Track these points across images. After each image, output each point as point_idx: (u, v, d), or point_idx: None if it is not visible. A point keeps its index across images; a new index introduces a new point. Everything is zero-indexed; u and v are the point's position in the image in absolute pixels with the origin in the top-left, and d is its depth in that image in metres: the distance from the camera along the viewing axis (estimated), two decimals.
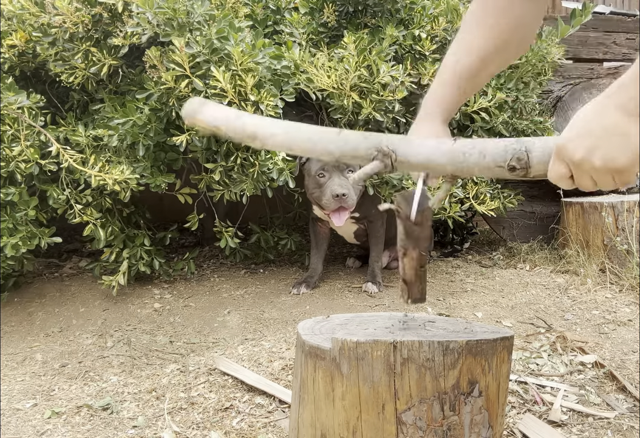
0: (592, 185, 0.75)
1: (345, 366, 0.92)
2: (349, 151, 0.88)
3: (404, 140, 0.86)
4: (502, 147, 0.77)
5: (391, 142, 0.85)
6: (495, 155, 0.77)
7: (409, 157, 0.83)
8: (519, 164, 0.76)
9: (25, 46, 2.11)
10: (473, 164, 0.79)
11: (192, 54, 1.90)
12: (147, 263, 2.40)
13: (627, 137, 0.69)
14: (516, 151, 0.76)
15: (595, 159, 0.70)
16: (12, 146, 2.02)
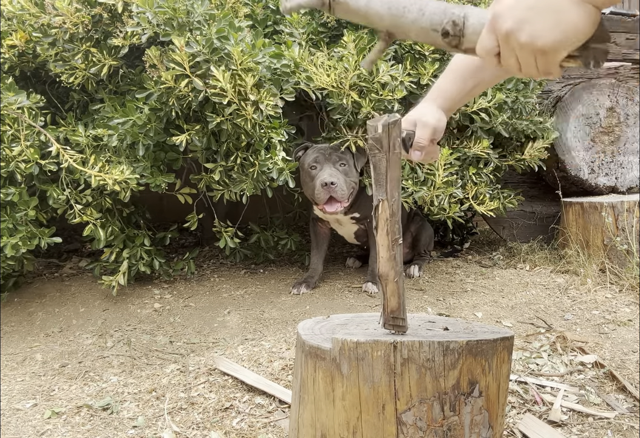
0: (516, 65, 0.70)
1: (345, 367, 0.92)
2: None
3: None
4: (442, 8, 0.73)
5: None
6: (433, 15, 0.73)
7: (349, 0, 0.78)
8: (452, 30, 0.72)
9: (25, 46, 2.11)
10: (410, 21, 0.75)
11: (192, 54, 1.90)
12: (147, 263, 2.40)
13: (559, 14, 0.64)
14: (454, 15, 0.72)
15: (522, 34, 0.66)
16: (12, 146, 2.02)
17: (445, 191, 2.40)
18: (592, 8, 0.64)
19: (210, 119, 2.03)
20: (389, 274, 0.97)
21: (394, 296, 0.97)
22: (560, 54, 0.66)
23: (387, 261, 0.97)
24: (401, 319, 0.98)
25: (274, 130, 2.16)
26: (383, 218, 0.96)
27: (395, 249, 0.97)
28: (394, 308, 0.98)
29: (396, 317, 0.98)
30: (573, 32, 0.64)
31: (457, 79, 1.00)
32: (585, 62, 0.66)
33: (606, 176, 3.08)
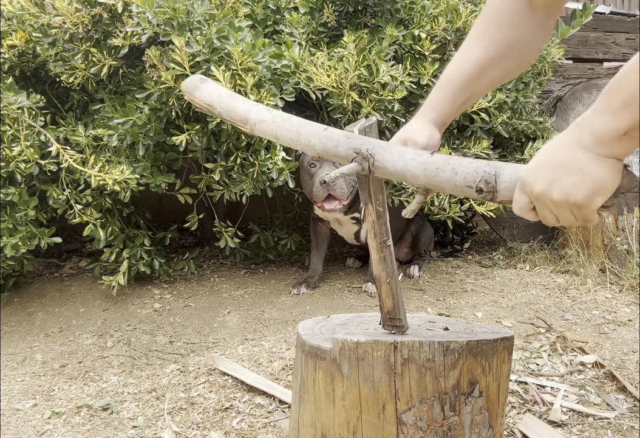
0: (553, 219, 0.74)
1: (345, 367, 0.92)
2: (331, 148, 0.90)
3: (384, 146, 0.86)
4: (473, 168, 0.77)
5: (371, 147, 0.86)
6: (466, 174, 0.77)
7: (386, 163, 0.84)
8: (486, 187, 0.76)
9: (25, 46, 2.11)
10: (445, 180, 0.79)
11: (192, 54, 1.90)
12: (147, 263, 2.40)
13: (582, 172, 0.67)
14: (485, 173, 0.76)
15: (554, 193, 0.70)
16: (12, 146, 2.02)
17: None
18: (613, 160, 0.67)
19: (210, 119, 2.03)
20: (381, 276, 0.98)
21: (389, 297, 0.98)
22: (594, 205, 0.69)
23: (378, 263, 0.98)
24: (398, 319, 0.98)
25: None
26: (370, 221, 0.96)
27: (384, 251, 0.97)
28: (389, 309, 0.99)
29: (393, 318, 0.99)
30: (601, 185, 0.67)
31: (449, 93, 1.01)
32: (619, 210, 0.70)
33: None
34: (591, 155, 0.67)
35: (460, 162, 0.78)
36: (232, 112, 0.97)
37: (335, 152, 0.89)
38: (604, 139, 0.66)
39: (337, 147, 0.89)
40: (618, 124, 0.64)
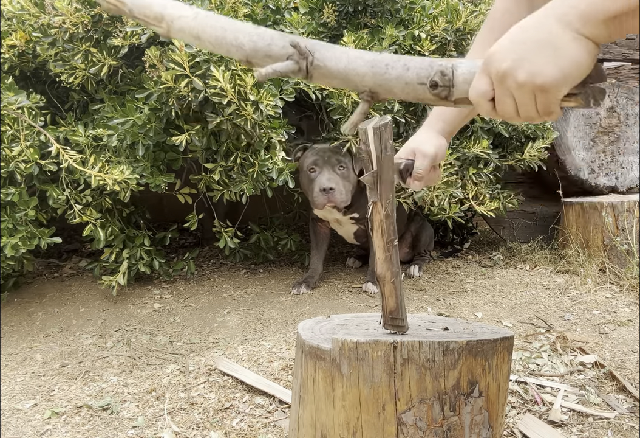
0: (512, 109, 0.66)
1: (345, 367, 0.92)
2: (263, 47, 0.79)
3: (324, 45, 0.78)
4: (427, 62, 0.72)
5: (311, 44, 0.77)
6: (419, 69, 0.71)
7: (327, 62, 0.76)
8: (442, 81, 0.70)
9: (25, 46, 2.11)
10: (394, 77, 0.73)
11: (191, 54, 1.90)
12: (147, 263, 2.40)
13: (558, 50, 0.61)
14: (442, 66, 0.70)
15: (520, 71, 0.63)
16: (12, 146, 2.02)
17: (445, 191, 2.40)
18: (592, 44, 0.62)
19: (210, 119, 2.03)
20: (386, 275, 0.97)
21: (392, 297, 0.98)
22: (561, 91, 0.63)
23: (384, 263, 0.97)
24: (400, 319, 0.98)
25: (274, 130, 2.16)
26: (377, 219, 0.95)
27: (391, 250, 0.96)
28: (392, 309, 0.98)
29: (395, 317, 0.98)
30: (574, 68, 0.62)
31: None
32: (586, 101, 0.64)
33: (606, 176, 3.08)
34: (571, 34, 0.61)
35: (412, 59, 0.73)
36: (145, 9, 0.85)
37: (267, 51, 0.79)
38: (590, 18, 0.60)
39: (270, 46, 0.79)
40: (610, 5, 0.59)
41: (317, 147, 2.35)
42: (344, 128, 0.85)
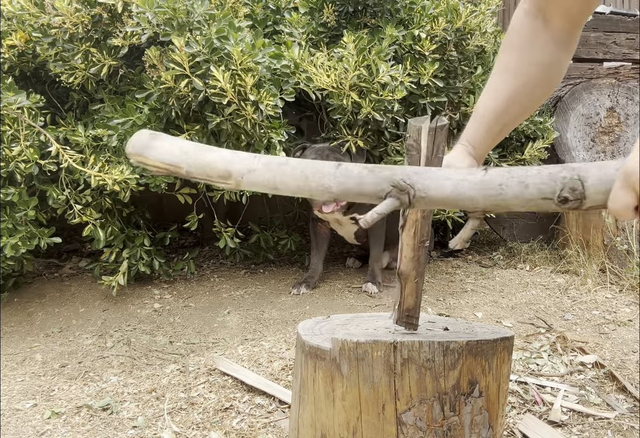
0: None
1: (345, 367, 0.92)
2: (353, 187, 0.74)
3: (421, 172, 0.73)
4: (547, 176, 0.67)
5: (407, 175, 0.72)
6: (540, 185, 0.66)
7: (431, 191, 0.71)
8: (572, 195, 0.65)
9: (25, 46, 2.11)
10: (512, 197, 0.68)
11: (191, 54, 1.90)
12: (147, 263, 2.40)
13: None
14: (567, 179, 0.65)
15: None
16: (11, 146, 2.02)
17: None
18: None
19: (210, 119, 2.03)
20: (410, 274, 0.96)
21: (412, 296, 0.97)
22: None
23: (410, 261, 0.95)
24: (415, 318, 0.99)
25: (274, 130, 2.16)
26: (412, 218, 0.92)
27: (420, 251, 0.94)
28: (410, 307, 0.98)
29: (411, 316, 0.98)
30: None
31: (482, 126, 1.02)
32: None
33: None
34: None
35: (526, 173, 0.68)
36: (206, 168, 0.78)
37: (359, 191, 0.74)
38: None
39: (361, 185, 0.74)
40: None
41: (316, 147, 2.35)
42: (452, 243, 0.83)
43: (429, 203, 0.72)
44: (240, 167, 0.77)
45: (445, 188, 0.70)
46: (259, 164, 0.77)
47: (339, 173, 0.75)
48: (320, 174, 0.75)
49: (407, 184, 0.71)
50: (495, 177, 0.69)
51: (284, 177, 0.76)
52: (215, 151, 0.79)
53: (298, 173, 0.76)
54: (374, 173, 0.73)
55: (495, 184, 0.68)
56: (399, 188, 0.71)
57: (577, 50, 3.37)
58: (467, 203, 0.70)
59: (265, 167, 0.77)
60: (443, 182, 0.71)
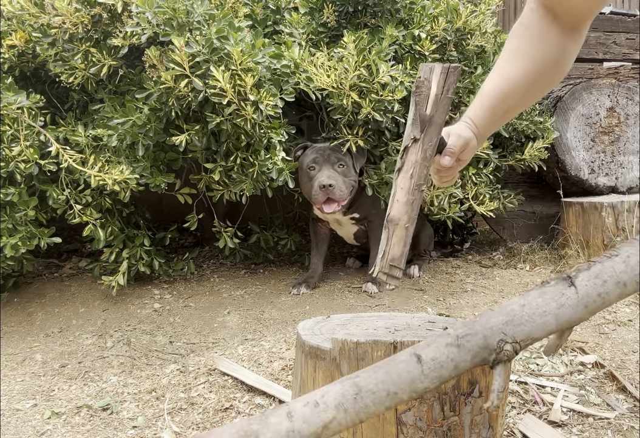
0: None
1: (345, 367, 0.92)
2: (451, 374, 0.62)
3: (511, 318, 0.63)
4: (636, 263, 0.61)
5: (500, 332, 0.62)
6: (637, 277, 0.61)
7: (534, 334, 0.63)
8: None
9: (25, 46, 2.11)
10: (614, 299, 0.63)
11: (191, 54, 1.90)
12: (147, 263, 2.40)
13: None
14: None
15: None
16: (11, 146, 2.02)
17: (445, 191, 2.40)
18: None
19: (210, 119, 2.03)
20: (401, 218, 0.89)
21: (400, 243, 0.90)
22: None
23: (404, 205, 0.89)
24: (399, 269, 0.90)
25: (274, 130, 2.16)
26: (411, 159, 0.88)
27: (416, 195, 0.90)
28: (395, 256, 0.90)
29: (395, 266, 0.90)
30: None
31: (486, 105, 1.03)
32: None
33: (606, 176, 3.08)
34: None
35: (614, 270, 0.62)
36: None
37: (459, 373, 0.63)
38: None
39: (459, 368, 0.63)
40: None
41: (316, 146, 2.35)
42: (546, 350, 0.73)
43: (536, 340, 0.65)
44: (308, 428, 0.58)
45: (548, 325, 0.63)
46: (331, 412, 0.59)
47: (427, 368, 0.61)
48: (408, 382, 0.61)
49: (509, 343, 0.62)
50: (591, 290, 0.62)
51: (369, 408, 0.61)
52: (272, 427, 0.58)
53: (382, 395, 0.61)
54: (464, 347, 0.62)
55: (594, 296, 0.62)
56: (503, 353, 0.62)
57: None
58: (573, 323, 0.64)
59: (340, 410, 0.59)
60: (543, 320, 0.63)
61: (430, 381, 0.61)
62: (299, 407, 0.59)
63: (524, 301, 0.64)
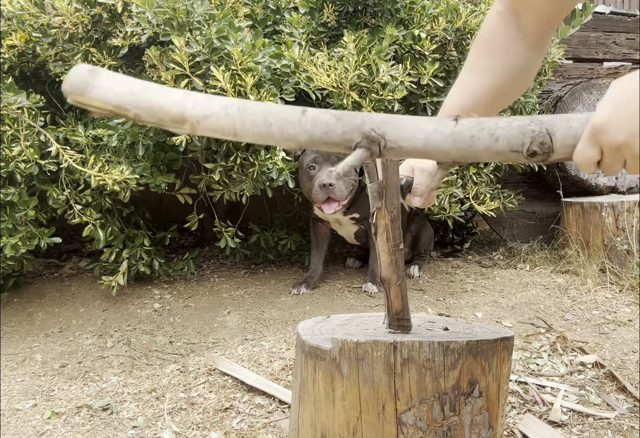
0: (619, 170, 0.69)
1: (345, 367, 0.92)
2: (320, 136, 0.70)
3: (391, 120, 0.70)
4: (516, 129, 0.67)
5: (376, 125, 0.69)
6: (510, 138, 0.67)
7: (402, 143, 0.69)
8: (541, 149, 0.66)
9: (25, 46, 2.11)
10: (482, 149, 0.68)
11: (191, 54, 1.90)
12: (147, 263, 2.40)
13: None
14: (536, 133, 0.66)
15: (637, 146, 0.63)
16: (11, 146, 2.02)
17: (445, 191, 2.40)
18: None
19: None
20: (392, 278, 0.98)
21: (398, 299, 1.00)
22: None
23: (389, 266, 0.97)
24: (406, 319, 1.00)
25: None
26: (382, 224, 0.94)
27: (396, 254, 0.97)
28: (398, 310, 1.00)
29: (401, 318, 1.00)
30: None
31: None
32: None
33: (606, 176, 3.07)
34: None
35: (497, 125, 0.67)
36: (158, 112, 0.70)
37: (325, 140, 0.70)
38: None
39: (328, 134, 0.70)
40: None
41: None
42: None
43: (399, 153, 0.71)
44: (194, 112, 0.70)
45: (416, 139, 0.69)
46: (216, 108, 0.70)
47: (305, 120, 0.70)
48: (285, 121, 0.70)
49: (378, 134, 0.69)
50: (466, 129, 0.68)
51: (245, 123, 0.70)
52: (166, 91, 0.71)
53: (260, 119, 0.70)
54: (343, 122, 0.70)
55: (466, 137, 0.68)
56: (370, 139, 0.69)
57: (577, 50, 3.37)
58: (438, 154, 0.69)
59: (222, 111, 0.70)
60: (414, 133, 0.69)
61: (302, 131, 0.69)
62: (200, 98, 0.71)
63: (414, 120, 0.70)
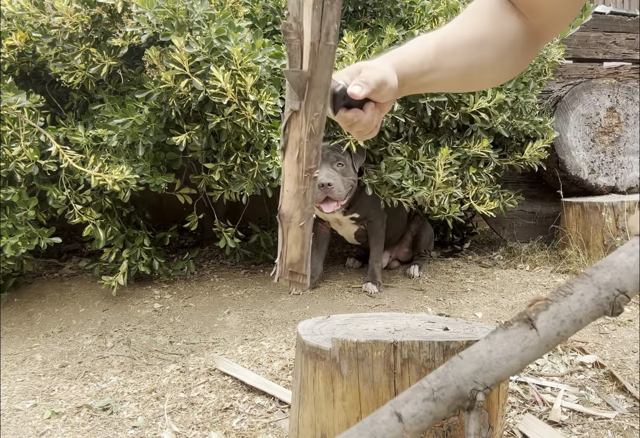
0: None
1: (345, 367, 0.92)
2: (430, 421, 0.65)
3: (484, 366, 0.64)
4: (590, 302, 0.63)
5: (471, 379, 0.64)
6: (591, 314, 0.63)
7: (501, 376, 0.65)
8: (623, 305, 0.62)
9: (25, 46, 2.11)
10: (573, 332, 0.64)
11: (191, 54, 1.90)
12: (147, 263, 2.40)
13: None
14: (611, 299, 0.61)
15: None
16: (11, 146, 2.02)
17: (445, 191, 2.40)
18: None
19: (210, 119, 2.03)
20: (294, 215, 0.72)
21: (297, 245, 0.74)
22: None
23: (293, 198, 0.72)
24: (302, 275, 0.76)
25: (274, 130, 2.15)
26: (295, 136, 0.69)
27: (307, 183, 0.71)
28: (294, 260, 0.75)
29: (296, 272, 0.76)
30: None
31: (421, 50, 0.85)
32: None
33: (606, 176, 3.08)
34: None
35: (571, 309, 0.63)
36: None
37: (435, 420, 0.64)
38: None
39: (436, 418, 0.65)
40: None
41: None
42: None
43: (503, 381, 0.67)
44: None
45: (514, 366, 0.64)
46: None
47: (408, 426, 0.64)
48: None
49: (481, 391, 0.64)
50: (551, 330, 0.63)
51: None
52: None
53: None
54: (442, 401, 0.64)
55: (554, 335, 0.63)
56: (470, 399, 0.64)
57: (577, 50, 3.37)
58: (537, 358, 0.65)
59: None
60: (510, 362, 0.64)
61: (412, 435, 0.64)
62: None
63: (490, 346, 0.65)
